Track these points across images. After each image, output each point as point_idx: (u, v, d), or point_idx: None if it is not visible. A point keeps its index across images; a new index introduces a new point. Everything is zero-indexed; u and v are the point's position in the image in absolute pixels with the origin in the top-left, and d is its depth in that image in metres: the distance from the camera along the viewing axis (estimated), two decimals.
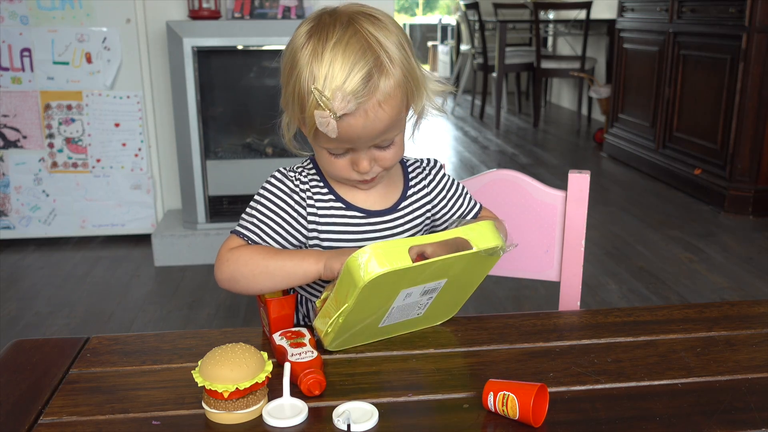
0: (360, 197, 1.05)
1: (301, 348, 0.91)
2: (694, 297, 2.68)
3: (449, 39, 9.76)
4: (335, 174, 1.00)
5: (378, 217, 1.05)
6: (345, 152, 0.96)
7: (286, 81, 0.95)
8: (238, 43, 2.99)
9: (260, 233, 1.01)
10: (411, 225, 1.08)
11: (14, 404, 0.85)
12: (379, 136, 0.94)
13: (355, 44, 0.89)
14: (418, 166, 1.13)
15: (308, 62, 0.90)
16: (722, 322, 1.06)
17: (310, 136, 0.95)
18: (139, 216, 3.29)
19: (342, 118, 0.88)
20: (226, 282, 0.98)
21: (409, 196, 1.09)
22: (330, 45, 0.89)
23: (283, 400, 0.82)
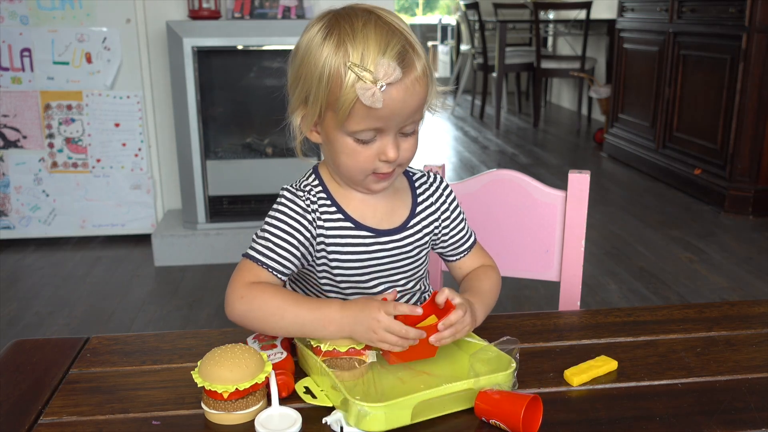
0: (368, 215, 1.02)
1: (272, 350, 0.91)
2: (694, 297, 2.68)
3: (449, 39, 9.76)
4: (357, 168, 0.96)
5: (387, 236, 1.03)
6: (372, 139, 0.94)
7: (302, 77, 0.94)
8: (238, 43, 2.99)
9: (274, 256, 0.97)
10: (419, 243, 1.06)
11: (14, 404, 0.85)
12: (412, 115, 0.95)
13: (383, 26, 0.92)
14: (424, 181, 1.10)
15: (337, 49, 0.90)
16: (722, 322, 1.06)
17: (338, 125, 0.93)
18: (139, 216, 3.29)
19: (384, 89, 0.88)
20: (237, 319, 0.94)
21: (418, 213, 1.06)
22: (359, 28, 0.90)
23: (273, 410, 0.81)
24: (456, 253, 1.11)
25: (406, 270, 1.06)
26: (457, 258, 1.12)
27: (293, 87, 0.97)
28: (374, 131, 0.93)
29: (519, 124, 6.56)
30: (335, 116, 0.92)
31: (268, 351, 0.91)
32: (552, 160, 5.06)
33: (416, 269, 1.08)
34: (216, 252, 3.07)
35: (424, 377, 0.89)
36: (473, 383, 0.83)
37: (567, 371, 0.90)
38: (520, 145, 5.55)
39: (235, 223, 3.11)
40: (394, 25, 0.93)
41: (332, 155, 0.98)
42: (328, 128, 0.95)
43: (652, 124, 4.44)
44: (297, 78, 0.96)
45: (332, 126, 0.94)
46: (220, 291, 2.77)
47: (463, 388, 0.82)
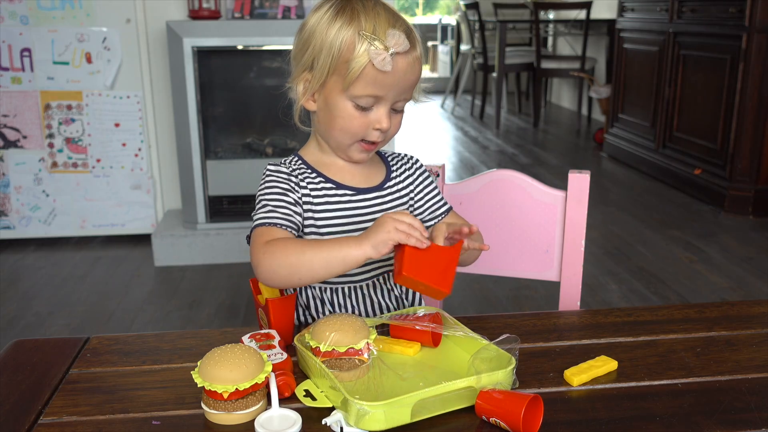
0: (347, 177, 1.10)
1: (271, 350, 0.91)
2: (694, 297, 2.68)
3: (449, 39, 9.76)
4: (350, 131, 1.04)
5: (368, 193, 1.10)
6: (369, 108, 1.02)
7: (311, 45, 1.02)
8: (238, 43, 2.99)
9: (279, 214, 1.03)
10: (398, 203, 1.14)
11: (14, 404, 0.85)
12: (408, 90, 1.04)
13: (390, 8, 1.03)
14: (397, 157, 1.19)
15: (350, 22, 0.99)
16: (722, 322, 1.06)
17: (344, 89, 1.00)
18: (139, 216, 3.29)
19: (393, 56, 0.97)
20: (267, 276, 0.98)
21: (393, 178, 1.14)
22: (370, 7, 1.00)
23: (273, 412, 0.81)
24: (433, 217, 1.17)
25: None
26: (435, 222, 1.17)
27: (299, 56, 1.06)
28: (374, 99, 1.02)
29: (519, 124, 6.56)
30: (341, 80, 1.00)
31: (267, 351, 0.91)
32: (552, 160, 5.06)
33: None
34: (216, 252, 3.07)
35: (424, 375, 0.89)
36: (474, 381, 0.82)
37: (567, 371, 0.90)
38: (520, 145, 5.55)
39: (235, 223, 3.11)
40: (398, 13, 1.04)
41: (328, 119, 1.06)
42: (329, 93, 1.03)
43: (652, 124, 4.44)
44: (304, 47, 1.04)
45: (335, 90, 1.02)
46: (220, 291, 2.77)
47: (463, 386, 0.82)
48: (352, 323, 0.90)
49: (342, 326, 0.90)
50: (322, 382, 0.86)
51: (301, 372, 0.92)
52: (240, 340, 0.95)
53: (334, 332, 0.89)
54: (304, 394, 0.86)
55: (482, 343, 0.92)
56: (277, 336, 0.95)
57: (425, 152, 5.40)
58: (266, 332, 0.96)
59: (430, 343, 0.96)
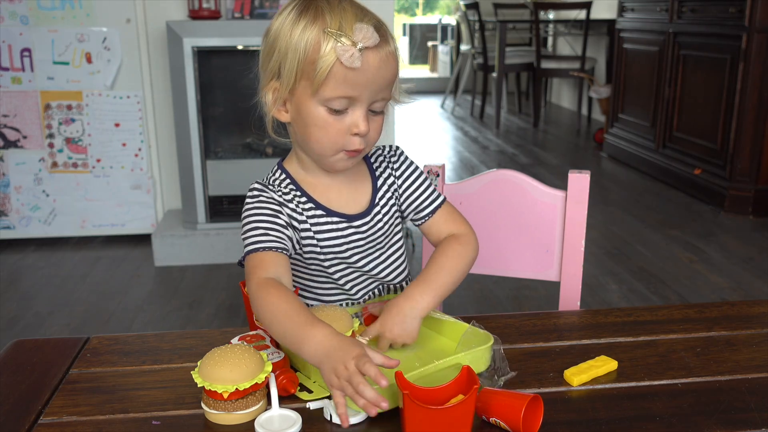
0: (334, 200, 1.05)
1: (267, 350, 0.91)
2: (694, 297, 2.68)
3: (449, 39, 9.76)
4: (329, 141, 0.97)
5: (359, 219, 1.06)
6: (344, 111, 0.95)
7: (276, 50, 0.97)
8: (238, 43, 2.99)
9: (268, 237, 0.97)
10: (389, 218, 1.09)
11: (14, 404, 0.85)
12: (384, 89, 0.96)
13: (356, 4, 0.96)
14: (379, 155, 1.12)
15: (314, 21, 0.93)
16: (722, 322, 1.06)
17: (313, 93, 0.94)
18: (139, 216, 3.29)
19: (362, 52, 0.91)
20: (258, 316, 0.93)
21: (380, 188, 1.09)
22: (335, 4, 0.94)
23: (273, 412, 0.81)
24: (420, 216, 1.12)
25: (384, 243, 1.11)
26: (421, 221, 1.12)
27: (265, 63, 1.00)
28: (348, 100, 0.94)
29: (519, 124, 6.56)
30: (310, 84, 0.94)
31: (263, 351, 0.91)
32: (552, 160, 5.06)
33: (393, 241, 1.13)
34: (216, 252, 3.07)
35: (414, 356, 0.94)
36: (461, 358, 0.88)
37: (567, 371, 0.90)
38: (520, 145, 5.55)
39: (235, 223, 3.11)
40: (367, 8, 0.97)
41: (303, 130, 0.99)
42: (300, 100, 0.97)
43: (652, 124, 4.44)
44: (270, 53, 0.98)
45: (305, 96, 0.95)
46: (220, 291, 2.77)
47: (451, 363, 0.87)
48: (336, 313, 0.93)
49: (326, 317, 0.91)
50: (315, 372, 0.86)
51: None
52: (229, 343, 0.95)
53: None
54: (299, 389, 0.86)
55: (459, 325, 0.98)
56: (267, 336, 0.95)
57: (425, 152, 5.40)
58: (255, 333, 0.96)
59: None
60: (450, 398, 0.79)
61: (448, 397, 0.79)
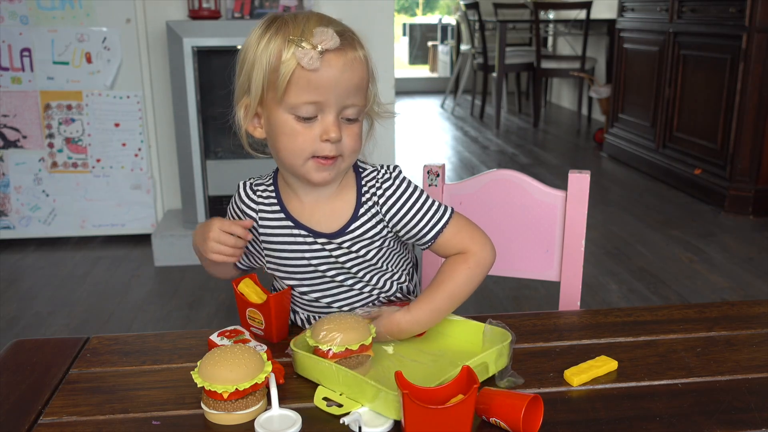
0: (306, 215, 1.03)
1: (249, 344, 0.91)
2: (694, 297, 2.68)
3: (449, 39, 9.76)
4: (297, 149, 0.96)
5: (325, 238, 1.03)
6: (313, 118, 0.94)
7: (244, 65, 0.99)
8: (238, 43, 2.97)
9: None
10: (364, 244, 1.04)
11: (14, 404, 0.85)
12: (353, 94, 0.95)
13: (323, 15, 0.97)
14: (372, 177, 1.05)
15: (277, 32, 0.94)
16: (722, 322, 1.06)
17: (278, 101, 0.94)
18: (139, 216, 3.29)
19: (323, 55, 0.91)
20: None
21: (360, 216, 1.03)
22: (300, 17, 0.95)
23: (273, 412, 0.81)
24: (422, 243, 1.06)
25: (357, 266, 1.05)
26: (425, 246, 1.07)
27: (237, 80, 1.01)
28: (314, 106, 0.94)
29: (519, 124, 6.56)
30: (275, 93, 0.94)
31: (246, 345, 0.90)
32: (552, 160, 5.06)
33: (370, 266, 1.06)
34: None
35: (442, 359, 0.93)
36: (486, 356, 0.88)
37: (567, 371, 0.90)
38: (520, 145, 5.55)
39: None
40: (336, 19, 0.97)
41: (274, 140, 0.99)
42: (269, 111, 0.97)
43: (652, 124, 4.44)
44: (240, 70, 1.00)
45: (273, 106, 0.96)
46: (220, 291, 2.77)
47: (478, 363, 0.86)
48: (351, 321, 0.91)
49: (343, 325, 0.89)
50: (339, 384, 0.84)
51: (295, 375, 0.92)
52: (209, 340, 0.95)
53: (340, 333, 0.88)
54: (327, 404, 0.83)
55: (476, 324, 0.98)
56: (246, 331, 0.97)
57: (425, 152, 5.40)
58: (234, 328, 0.97)
59: None
60: (450, 398, 0.78)
61: (447, 396, 0.79)
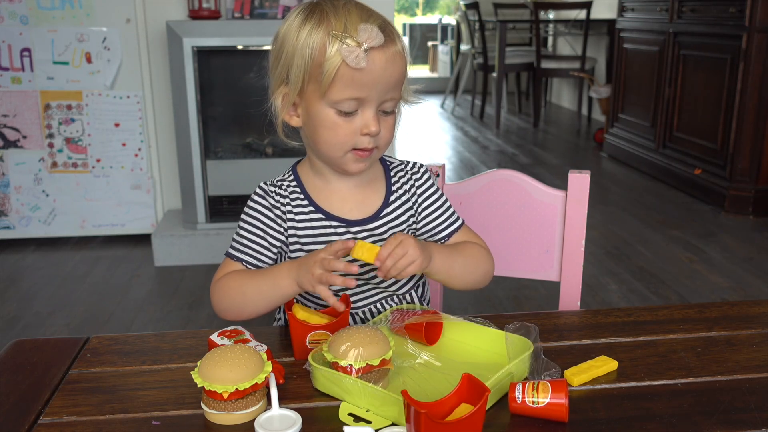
0: (336, 205, 1.04)
1: (249, 344, 0.91)
2: (694, 297, 2.68)
3: (449, 39, 9.76)
4: (337, 142, 0.97)
5: (358, 225, 1.04)
6: (354, 112, 0.95)
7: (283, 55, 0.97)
8: (238, 43, 2.99)
9: (248, 250, 1.04)
10: (395, 232, 1.06)
11: (14, 404, 0.85)
12: (393, 88, 0.96)
13: (363, 6, 0.96)
14: (401, 169, 1.11)
15: (319, 24, 0.93)
16: (722, 322, 1.06)
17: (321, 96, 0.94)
18: (139, 216, 3.29)
19: (367, 52, 0.91)
20: (221, 314, 1.02)
21: (391, 202, 1.07)
22: (340, 6, 0.94)
23: (273, 412, 0.81)
24: (436, 239, 1.11)
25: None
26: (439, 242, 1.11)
27: (274, 68, 1.00)
28: (356, 101, 0.95)
29: (519, 124, 6.56)
30: (318, 87, 0.94)
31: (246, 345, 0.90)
32: (552, 160, 5.06)
33: None
34: (216, 252, 3.07)
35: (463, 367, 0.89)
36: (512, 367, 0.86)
37: (567, 371, 0.90)
38: (520, 145, 5.55)
39: (235, 223, 3.09)
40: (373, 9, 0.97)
41: (312, 132, 0.99)
42: (309, 103, 0.97)
43: (652, 124, 4.44)
44: (277, 58, 0.98)
45: (314, 99, 0.96)
46: None
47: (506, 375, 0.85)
48: (371, 334, 0.87)
49: (363, 340, 0.86)
50: (363, 400, 0.82)
51: (296, 375, 0.92)
52: (209, 340, 0.95)
53: (359, 348, 0.85)
54: (354, 420, 0.81)
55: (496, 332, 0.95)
56: (246, 331, 0.96)
57: (425, 152, 5.40)
58: (234, 329, 0.97)
59: (423, 341, 0.96)
60: (453, 408, 0.78)
61: (450, 407, 0.78)
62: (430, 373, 0.90)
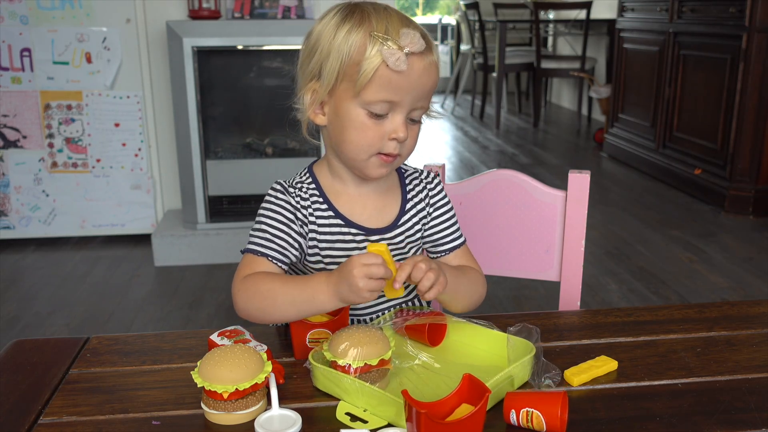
0: (357, 212, 1.03)
1: (249, 344, 0.91)
2: (694, 297, 2.68)
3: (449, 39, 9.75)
4: (364, 144, 0.96)
5: (377, 234, 1.04)
6: (384, 116, 0.95)
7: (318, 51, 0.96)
8: (238, 43, 2.99)
9: (272, 245, 0.98)
10: (410, 240, 1.06)
11: (14, 404, 0.85)
12: (425, 97, 0.96)
13: (401, 13, 0.96)
14: (415, 177, 1.10)
15: (359, 24, 0.93)
16: (722, 322, 1.06)
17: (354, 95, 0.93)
18: (139, 216, 3.29)
19: (408, 56, 0.91)
20: (242, 314, 0.95)
21: (407, 211, 1.07)
22: (380, 9, 0.95)
23: (273, 412, 0.81)
24: (437, 251, 1.11)
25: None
26: (437, 256, 1.11)
27: (305, 64, 0.99)
28: (389, 105, 0.94)
29: (519, 124, 6.56)
30: (352, 86, 0.93)
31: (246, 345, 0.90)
32: (552, 160, 5.06)
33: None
34: (216, 252, 3.07)
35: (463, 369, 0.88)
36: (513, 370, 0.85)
37: (567, 371, 0.90)
38: (520, 145, 5.55)
39: (235, 223, 3.11)
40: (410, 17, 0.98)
41: (339, 131, 0.98)
42: (339, 102, 0.96)
43: (652, 124, 4.44)
44: (310, 55, 0.97)
45: (346, 98, 0.95)
46: (220, 291, 2.77)
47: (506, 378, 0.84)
48: (371, 334, 0.87)
49: (363, 339, 0.86)
50: (360, 400, 0.83)
51: (296, 376, 0.92)
52: (209, 340, 0.95)
53: (358, 347, 0.85)
54: (350, 419, 0.81)
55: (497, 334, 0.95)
56: (246, 331, 0.96)
57: (425, 152, 5.40)
58: (234, 329, 0.97)
59: (426, 342, 0.96)
60: (453, 409, 0.78)
61: (451, 407, 0.78)
62: (428, 375, 0.90)
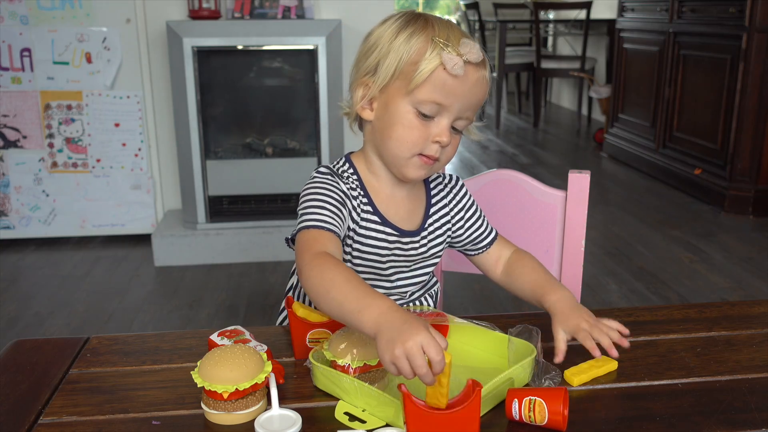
0: (392, 212, 1.05)
1: (249, 344, 0.91)
2: (694, 297, 2.68)
3: None
4: (409, 142, 0.97)
5: (408, 237, 1.06)
6: (431, 118, 0.97)
7: (377, 48, 0.98)
8: (238, 43, 2.99)
9: (334, 221, 0.96)
10: (434, 243, 1.09)
11: (14, 404, 0.85)
12: (473, 107, 0.99)
13: (463, 30, 1.00)
14: (439, 182, 1.13)
15: (422, 29, 0.97)
16: (722, 322, 1.06)
17: (407, 93, 0.95)
18: (139, 216, 3.29)
19: (466, 64, 0.94)
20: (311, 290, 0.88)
21: (432, 215, 1.10)
22: (443, 21, 0.99)
23: (273, 412, 0.81)
24: (476, 249, 1.14)
25: (421, 264, 1.11)
26: (478, 252, 1.15)
27: (361, 61, 1.01)
28: (438, 107, 0.96)
29: (519, 124, 6.56)
30: (405, 84, 0.96)
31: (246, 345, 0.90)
32: (552, 160, 5.06)
33: (431, 264, 1.13)
34: (216, 252, 3.07)
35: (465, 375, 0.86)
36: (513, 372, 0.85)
37: (567, 371, 0.90)
38: (520, 145, 5.55)
39: (235, 223, 3.11)
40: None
41: (386, 127, 0.99)
42: (390, 98, 0.98)
43: (652, 124, 4.44)
44: (368, 53, 1.00)
45: (398, 95, 0.97)
46: (220, 291, 2.77)
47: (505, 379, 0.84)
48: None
49: (362, 339, 0.86)
50: (359, 400, 0.82)
51: (296, 376, 0.92)
52: (209, 340, 0.95)
53: (358, 347, 0.85)
54: (349, 419, 0.81)
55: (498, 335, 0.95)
56: (246, 331, 0.96)
57: None
58: (234, 329, 0.97)
59: None
60: None
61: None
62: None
